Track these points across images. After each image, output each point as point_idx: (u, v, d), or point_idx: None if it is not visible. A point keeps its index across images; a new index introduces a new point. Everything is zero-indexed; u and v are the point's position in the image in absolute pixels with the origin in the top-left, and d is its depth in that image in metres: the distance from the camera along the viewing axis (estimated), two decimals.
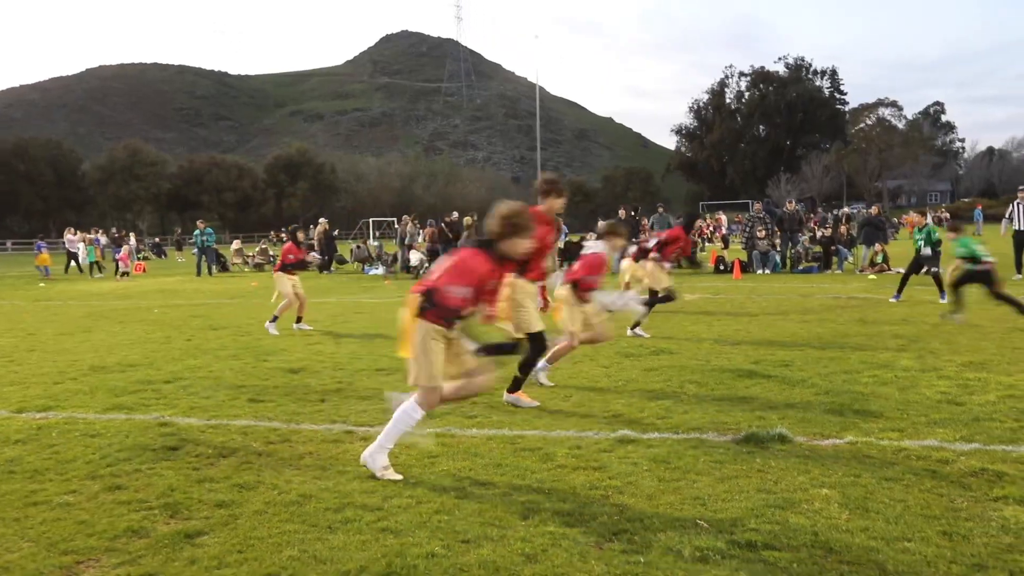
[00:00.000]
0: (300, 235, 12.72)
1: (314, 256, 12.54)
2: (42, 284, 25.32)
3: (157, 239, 59.69)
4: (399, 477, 4.65)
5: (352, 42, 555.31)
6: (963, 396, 6.29)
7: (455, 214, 26.23)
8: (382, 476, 4.65)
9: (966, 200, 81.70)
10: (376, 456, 4.71)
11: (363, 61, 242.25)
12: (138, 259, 35.51)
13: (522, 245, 4.73)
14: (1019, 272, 16.68)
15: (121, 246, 31.83)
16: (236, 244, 35.00)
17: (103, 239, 37.41)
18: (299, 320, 12.07)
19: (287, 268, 12.02)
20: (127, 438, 5.74)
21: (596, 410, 6.29)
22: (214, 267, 28.53)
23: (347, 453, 5.25)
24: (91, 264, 29.99)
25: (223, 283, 23.78)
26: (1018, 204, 17.30)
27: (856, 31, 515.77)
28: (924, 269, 13.50)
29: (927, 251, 13.27)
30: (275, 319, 11.69)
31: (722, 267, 22.20)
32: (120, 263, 28.30)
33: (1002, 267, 15.65)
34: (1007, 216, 17.65)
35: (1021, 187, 18.18)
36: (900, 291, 13.52)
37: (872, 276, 19.25)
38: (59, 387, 7.83)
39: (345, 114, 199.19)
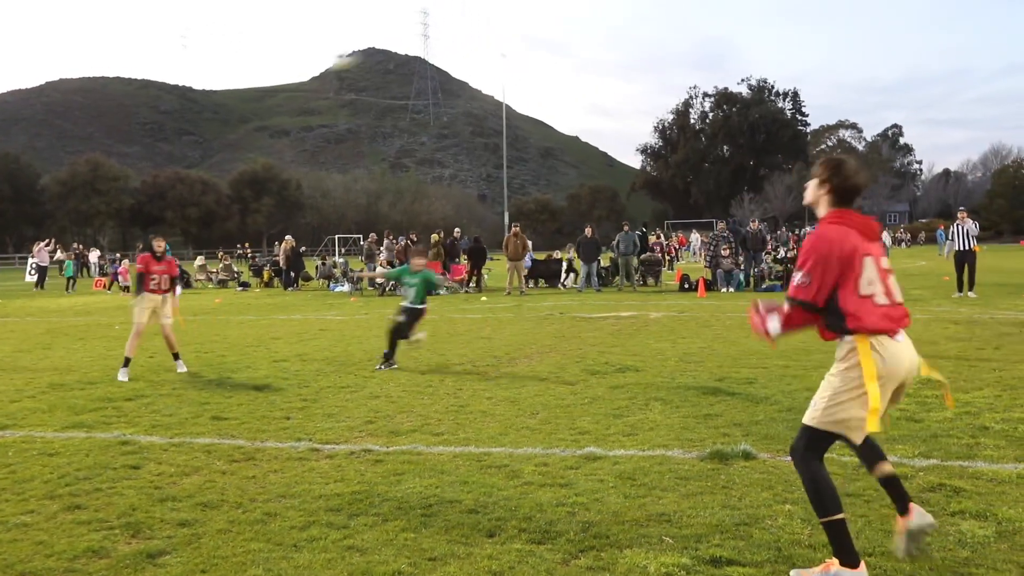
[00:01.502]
0: (158, 244, 9.76)
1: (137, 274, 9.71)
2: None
3: (119, 255, 58.79)
4: None
5: (318, 58, 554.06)
6: (921, 413, 6.41)
7: (457, 231, 26.57)
8: None
9: (923, 220, 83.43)
10: None
11: (329, 77, 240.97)
12: (99, 275, 34.98)
13: None
14: (960, 291, 17.03)
15: (77, 260, 31.36)
16: (199, 260, 34.57)
17: (61, 254, 36.77)
18: (176, 356, 9.71)
19: (140, 286, 9.60)
20: (87, 457, 5.65)
21: (562, 427, 6.31)
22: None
23: (313, 471, 5.21)
24: (68, 279, 29.62)
25: (186, 300, 23.41)
26: (958, 225, 17.80)
27: (817, 54, 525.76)
28: None
29: None
30: (127, 362, 9.32)
31: (687, 285, 22.40)
32: (120, 277, 28.04)
33: (950, 286, 15.95)
34: (948, 238, 17.97)
35: (961, 208, 18.66)
36: None
37: None
38: (16, 405, 7.69)
39: (311, 130, 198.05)
